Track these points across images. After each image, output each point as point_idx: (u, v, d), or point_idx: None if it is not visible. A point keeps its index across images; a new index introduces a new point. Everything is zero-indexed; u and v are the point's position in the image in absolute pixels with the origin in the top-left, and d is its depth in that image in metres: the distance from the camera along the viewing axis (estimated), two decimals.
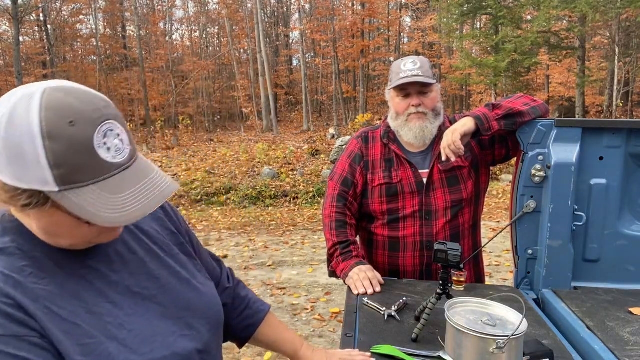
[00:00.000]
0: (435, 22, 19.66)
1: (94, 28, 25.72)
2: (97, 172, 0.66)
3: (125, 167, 0.69)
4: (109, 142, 0.67)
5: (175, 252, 0.93)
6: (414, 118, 1.76)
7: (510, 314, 1.14)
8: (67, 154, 0.63)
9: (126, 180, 0.69)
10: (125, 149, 0.69)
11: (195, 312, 0.88)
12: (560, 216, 1.62)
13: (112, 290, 0.79)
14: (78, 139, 0.64)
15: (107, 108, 0.69)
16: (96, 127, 0.65)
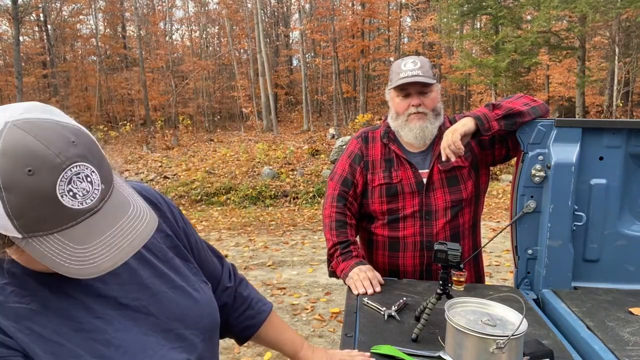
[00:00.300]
0: (435, 22, 19.65)
1: (94, 28, 25.73)
2: (60, 221, 0.61)
3: (94, 212, 0.64)
4: (75, 188, 0.61)
5: (170, 256, 0.90)
6: (414, 118, 1.76)
7: (510, 314, 1.14)
8: (26, 206, 0.59)
9: (94, 226, 0.64)
10: (95, 191, 0.63)
11: (188, 322, 0.86)
12: (560, 216, 1.62)
13: (99, 304, 0.76)
14: (38, 189, 0.58)
15: (77, 146, 0.62)
16: (59, 174, 0.59)
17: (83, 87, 25.92)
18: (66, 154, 0.60)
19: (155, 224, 0.71)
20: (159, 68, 25.21)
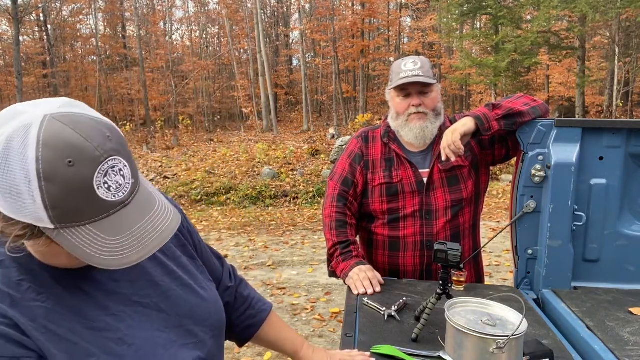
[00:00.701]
0: (435, 22, 19.65)
1: (94, 28, 25.72)
2: (94, 213, 0.63)
3: (125, 205, 0.65)
4: (109, 181, 0.63)
5: (177, 254, 0.91)
6: (415, 118, 1.76)
7: (510, 314, 1.14)
8: (64, 196, 0.60)
9: (125, 219, 0.65)
10: (126, 185, 0.65)
11: (197, 319, 0.87)
12: (560, 216, 1.62)
13: (112, 301, 0.77)
14: (77, 180, 0.60)
15: (112, 141, 0.64)
16: (97, 167, 0.61)
17: (83, 87, 25.92)
18: (104, 147, 0.62)
19: (179, 220, 0.72)
20: (159, 68, 25.22)
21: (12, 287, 0.69)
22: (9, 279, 0.69)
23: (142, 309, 0.80)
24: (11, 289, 0.68)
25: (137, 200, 0.67)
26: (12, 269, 0.70)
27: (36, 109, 0.62)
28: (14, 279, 0.69)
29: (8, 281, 0.69)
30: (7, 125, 0.61)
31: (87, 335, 0.72)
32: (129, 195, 0.66)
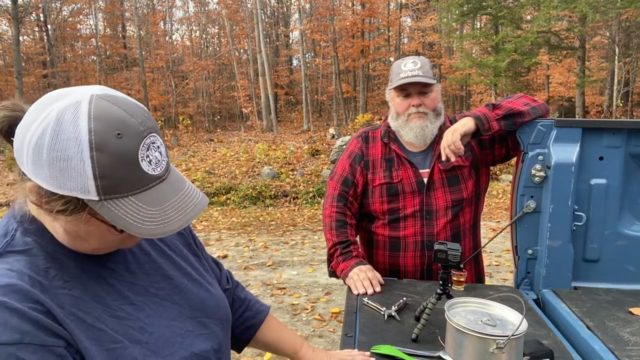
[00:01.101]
0: (435, 22, 19.64)
1: (94, 28, 25.72)
2: (137, 184, 0.66)
3: (163, 179, 0.70)
4: (150, 155, 0.67)
5: (185, 252, 0.95)
6: (415, 117, 1.76)
7: (510, 314, 1.14)
8: (113, 166, 0.63)
9: (163, 192, 0.70)
10: (163, 161, 0.70)
11: (208, 312, 0.89)
12: (560, 216, 1.62)
13: (131, 291, 0.80)
14: (124, 152, 0.64)
15: (150, 120, 0.69)
16: (141, 140, 0.66)
17: None
18: (145, 124, 0.67)
19: (207, 199, 0.76)
20: (159, 68, 25.21)
21: (40, 274, 0.70)
22: (37, 267, 0.70)
23: (158, 300, 0.82)
24: (39, 276, 0.70)
25: (171, 177, 0.72)
26: (38, 257, 0.72)
27: (81, 90, 0.67)
28: (41, 266, 0.71)
29: (36, 269, 0.70)
30: (55, 104, 0.65)
31: (111, 322, 0.74)
32: (165, 171, 0.71)
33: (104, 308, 0.74)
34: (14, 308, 0.64)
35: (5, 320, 0.63)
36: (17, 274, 0.68)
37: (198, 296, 0.89)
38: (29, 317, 0.64)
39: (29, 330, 0.64)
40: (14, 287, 0.66)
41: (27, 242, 0.72)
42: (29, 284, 0.67)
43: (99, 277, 0.77)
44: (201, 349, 0.83)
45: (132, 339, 0.74)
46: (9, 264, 0.69)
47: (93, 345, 0.70)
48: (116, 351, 0.71)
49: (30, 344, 0.63)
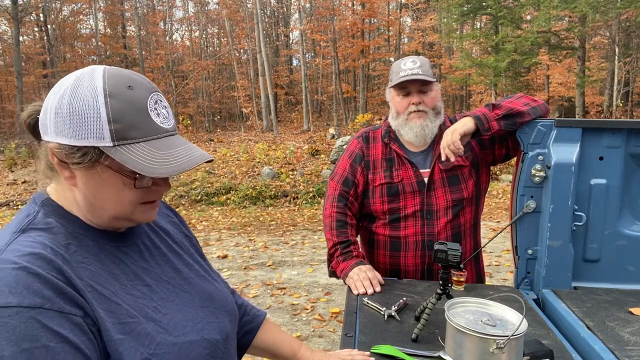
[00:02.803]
0: (435, 22, 19.66)
1: (94, 28, 25.71)
2: (148, 132, 0.74)
3: (171, 133, 0.78)
4: (159, 109, 0.76)
5: (192, 251, 1.00)
6: (415, 116, 1.76)
7: (510, 314, 1.14)
8: (125, 111, 0.72)
9: (172, 143, 0.77)
10: (171, 120, 0.78)
11: (216, 305, 0.93)
12: (560, 216, 1.62)
13: (145, 274, 0.84)
14: (135, 100, 0.73)
15: (156, 86, 0.79)
16: (150, 94, 0.75)
17: None
18: (152, 84, 0.78)
19: (211, 156, 0.83)
20: (159, 68, 25.20)
21: (61, 248, 0.74)
22: (58, 242, 0.75)
23: (170, 287, 0.87)
24: (61, 249, 0.74)
25: (178, 136, 0.80)
26: (60, 235, 0.76)
27: (93, 66, 0.77)
28: (62, 242, 0.76)
29: (57, 243, 0.75)
30: (73, 75, 0.76)
31: (127, 299, 0.77)
32: (174, 128, 0.79)
33: (120, 285, 0.78)
34: (38, 274, 0.67)
35: (28, 285, 0.66)
36: (40, 245, 0.72)
37: (206, 289, 0.93)
38: (51, 284, 0.68)
39: (50, 296, 0.67)
40: (38, 255, 0.70)
41: (48, 222, 0.77)
42: (52, 255, 0.71)
43: (116, 258, 0.81)
44: (211, 336, 0.86)
45: (147, 316, 0.78)
46: (32, 238, 0.73)
47: (109, 317, 0.73)
48: (131, 325, 0.75)
49: (50, 309, 0.66)
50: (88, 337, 0.70)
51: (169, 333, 0.78)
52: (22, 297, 0.65)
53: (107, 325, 0.72)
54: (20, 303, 0.64)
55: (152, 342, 0.75)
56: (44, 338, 0.64)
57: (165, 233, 0.96)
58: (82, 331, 0.69)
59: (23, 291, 0.65)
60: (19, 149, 12.68)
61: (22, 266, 0.67)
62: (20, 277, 0.66)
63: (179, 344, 0.78)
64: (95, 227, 0.81)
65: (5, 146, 13.09)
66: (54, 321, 0.66)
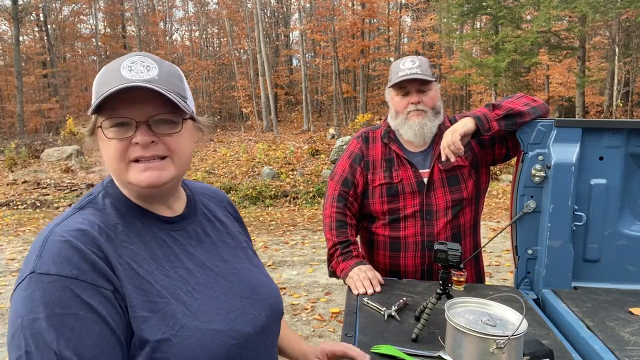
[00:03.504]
0: (435, 22, 19.66)
1: (94, 28, 25.71)
2: (114, 84, 0.78)
3: (143, 83, 0.79)
4: (134, 67, 0.81)
5: (244, 246, 1.04)
6: (414, 115, 1.76)
7: (510, 314, 1.14)
8: (102, 75, 0.82)
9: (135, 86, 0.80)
10: (149, 72, 0.81)
11: (258, 296, 0.94)
12: (560, 216, 1.62)
13: (188, 259, 0.88)
14: (113, 64, 0.83)
15: (148, 54, 0.86)
16: (129, 57, 0.83)
17: (83, 87, 25.88)
18: (145, 54, 0.86)
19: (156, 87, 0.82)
20: None
21: (109, 227, 0.81)
22: (108, 222, 0.82)
23: (212, 273, 0.89)
24: (108, 228, 0.81)
25: (155, 85, 0.81)
26: (111, 215, 0.84)
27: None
28: (111, 222, 0.83)
29: (107, 223, 0.82)
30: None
31: (162, 280, 0.81)
32: (150, 79, 0.80)
33: (157, 266, 0.82)
34: (78, 248, 0.75)
35: (69, 257, 0.74)
36: (89, 222, 0.80)
37: (250, 281, 0.95)
38: (88, 259, 0.75)
39: (85, 269, 0.74)
40: (84, 232, 0.77)
41: (104, 203, 0.86)
42: (97, 232, 0.79)
43: (160, 240, 0.86)
44: (243, 328, 0.86)
45: (178, 298, 0.81)
46: (85, 215, 0.82)
47: (138, 294, 0.77)
48: (159, 304, 0.78)
49: (84, 281, 0.73)
50: (116, 310, 0.75)
51: (195, 317, 0.80)
52: (61, 267, 0.72)
53: (134, 302, 0.76)
54: (59, 272, 0.72)
55: (176, 323, 0.78)
56: (75, 306, 0.71)
57: (221, 224, 1.01)
58: (111, 304, 0.74)
59: (63, 262, 0.73)
60: (19, 149, 12.69)
61: (66, 240, 0.75)
62: (63, 249, 0.74)
63: (202, 329, 0.79)
64: (145, 209, 0.88)
65: (5, 146, 13.09)
66: (86, 292, 0.72)
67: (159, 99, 0.81)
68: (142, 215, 0.87)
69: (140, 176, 0.82)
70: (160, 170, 0.83)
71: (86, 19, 26.17)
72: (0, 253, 5.89)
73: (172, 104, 0.81)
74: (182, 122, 0.85)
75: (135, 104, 0.80)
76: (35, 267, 0.73)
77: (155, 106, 0.81)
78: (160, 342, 0.75)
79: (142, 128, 0.80)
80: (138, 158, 0.81)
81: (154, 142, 0.82)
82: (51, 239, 0.76)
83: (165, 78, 0.82)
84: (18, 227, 7.30)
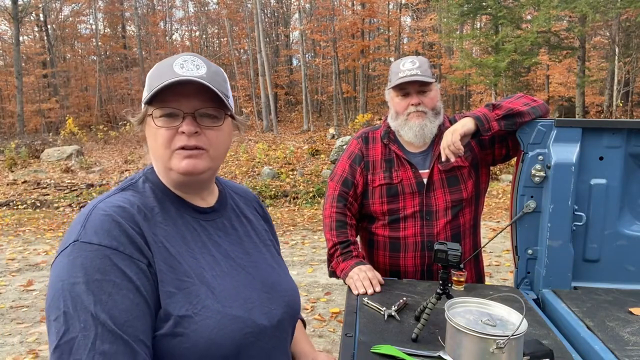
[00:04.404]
0: (435, 22, 19.66)
1: (94, 28, 25.71)
2: (167, 78, 0.86)
3: (195, 78, 0.86)
4: (185, 65, 0.88)
5: (268, 243, 1.08)
6: (414, 116, 1.76)
7: (510, 314, 1.14)
8: (155, 70, 0.90)
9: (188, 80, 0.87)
10: (199, 70, 0.88)
11: (276, 293, 0.97)
12: (560, 216, 1.62)
13: (214, 247, 0.93)
14: (166, 62, 0.91)
15: (197, 55, 0.93)
16: (181, 56, 0.90)
17: (83, 87, 25.90)
18: (195, 55, 0.93)
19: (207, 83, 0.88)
20: None
21: (147, 208, 0.88)
22: (146, 204, 0.89)
23: (235, 264, 0.95)
24: (146, 209, 0.88)
25: (206, 81, 0.88)
26: (149, 198, 0.91)
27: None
28: (149, 204, 0.90)
29: (145, 205, 0.89)
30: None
31: (190, 261, 0.87)
32: (201, 76, 0.88)
33: (187, 248, 0.88)
34: (119, 222, 0.81)
35: (110, 229, 0.80)
36: (129, 202, 0.87)
37: (270, 277, 0.99)
38: (127, 233, 0.81)
39: (124, 242, 0.80)
40: (124, 209, 0.84)
41: (144, 187, 0.93)
42: (136, 211, 0.86)
43: (191, 227, 0.92)
44: (258, 319, 0.89)
45: (203, 280, 0.86)
46: (126, 196, 0.89)
47: (168, 271, 0.83)
48: (185, 283, 0.84)
49: (123, 253, 0.79)
50: (149, 282, 0.80)
51: (217, 300, 0.85)
52: (102, 237, 0.79)
53: (164, 277, 0.82)
54: (100, 242, 0.78)
55: (199, 302, 0.83)
56: (113, 274, 0.77)
57: (247, 220, 1.06)
58: (145, 276, 0.80)
59: (105, 234, 0.79)
60: (19, 149, 12.69)
61: (109, 214, 0.82)
62: (105, 222, 0.80)
63: (222, 312, 0.84)
64: (181, 198, 0.94)
65: (5, 146, 13.09)
66: (124, 262, 0.78)
67: (205, 95, 0.88)
68: (178, 202, 0.93)
69: (180, 163, 0.89)
70: (196, 159, 0.89)
71: (86, 19, 26.17)
72: (0, 253, 5.89)
73: (216, 100, 0.89)
74: (224, 118, 0.92)
75: (184, 97, 0.88)
76: (79, 236, 0.79)
77: (201, 101, 0.89)
78: (183, 317, 0.80)
79: (189, 119, 0.88)
80: (182, 146, 0.88)
81: (197, 132, 0.89)
82: (95, 212, 0.82)
83: (212, 77, 0.89)
84: (18, 227, 7.30)
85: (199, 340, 0.80)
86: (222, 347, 0.82)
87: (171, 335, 0.79)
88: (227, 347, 0.83)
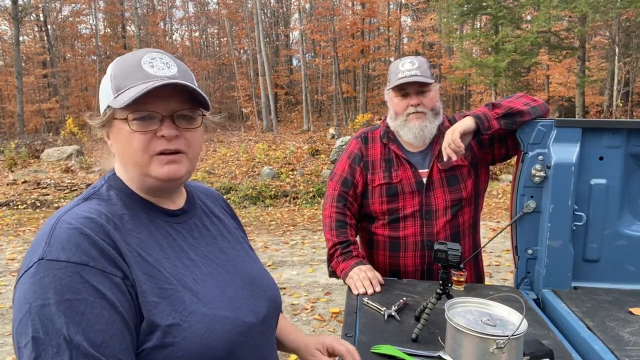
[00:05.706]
0: (435, 22, 19.66)
1: (94, 28, 25.71)
2: (139, 78, 0.82)
3: (167, 79, 0.82)
4: (155, 63, 0.84)
5: (241, 240, 1.07)
6: (413, 118, 1.76)
7: (510, 314, 1.14)
8: (121, 69, 0.84)
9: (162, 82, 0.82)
10: (170, 69, 0.85)
11: (257, 288, 0.96)
12: (560, 216, 1.62)
13: (191, 250, 0.90)
14: (132, 59, 0.85)
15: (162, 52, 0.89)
16: (148, 53, 0.86)
17: (83, 87, 25.90)
18: (160, 51, 0.89)
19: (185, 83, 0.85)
20: None
21: (115, 217, 0.83)
22: (114, 212, 0.84)
23: (214, 265, 0.92)
24: (115, 218, 0.83)
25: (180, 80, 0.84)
26: (117, 206, 0.85)
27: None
28: (117, 212, 0.84)
29: (113, 213, 0.83)
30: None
31: (169, 267, 0.84)
32: (173, 76, 0.84)
33: (164, 254, 0.85)
34: (88, 235, 0.76)
35: (78, 244, 0.74)
36: (96, 211, 0.81)
37: (249, 272, 0.98)
38: (97, 246, 0.75)
39: (95, 256, 0.75)
40: (92, 220, 0.79)
41: (109, 195, 0.87)
42: (105, 221, 0.80)
43: (165, 232, 0.88)
44: (246, 317, 0.88)
45: (185, 285, 0.83)
46: (91, 205, 0.83)
47: (148, 281, 0.79)
48: (168, 291, 0.80)
49: (94, 267, 0.74)
50: (125, 297, 0.76)
51: (203, 304, 0.82)
52: (71, 253, 0.73)
53: (145, 288, 0.78)
54: (68, 259, 0.72)
55: (185, 309, 0.80)
56: (85, 292, 0.71)
57: (218, 220, 1.03)
58: (120, 291, 0.75)
59: (72, 249, 0.73)
60: (19, 149, 12.69)
61: (75, 227, 0.76)
62: (72, 236, 0.75)
63: (210, 315, 0.82)
64: (150, 202, 0.89)
65: (5, 146, 13.09)
66: (96, 278, 0.73)
67: (181, 96, 0.85)
68: (147, 207, 0.89)
69: (161, 169, 0.85)
70: (178, 164, 0.86)
71: (86, 19, 26.17)
72: (0, 253, 5.89)
73: (192, 100, 0.86)
74: (198, 118, 0.89)
75: (161, 98, 0.83)
76: (44, 254, 0.73)
77: (178, 102, 0.85)
78: (171, 326, 0.77)
79: (167, 122, 0.84)
80: (162, 151, 0.84)
81: (177, 136, 0.85)
82: (59, 226, 0.76)
83: (185, 76, 0.86)
84: (18, 227, 7.30)
85: (191, 347, 0.78)
86: (214, 350, 0.80)
87: (161, 346, 0.76)
88: (219, 349, 0.81)
